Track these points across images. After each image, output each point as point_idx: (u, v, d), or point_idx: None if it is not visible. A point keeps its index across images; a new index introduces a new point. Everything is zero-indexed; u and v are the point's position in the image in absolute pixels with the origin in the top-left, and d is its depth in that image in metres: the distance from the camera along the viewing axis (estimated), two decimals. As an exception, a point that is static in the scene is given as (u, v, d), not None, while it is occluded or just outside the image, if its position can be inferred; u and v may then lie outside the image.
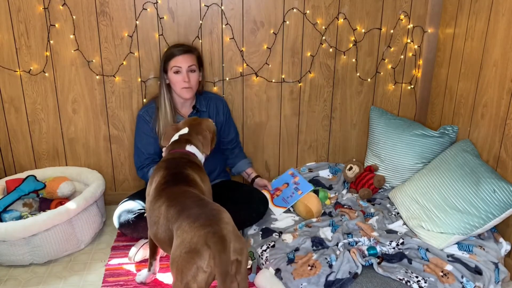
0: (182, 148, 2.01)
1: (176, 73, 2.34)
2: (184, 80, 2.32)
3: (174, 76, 2.34)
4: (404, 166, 2.62)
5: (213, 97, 2.55)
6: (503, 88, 2.18)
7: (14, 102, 2.60)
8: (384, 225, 2.34)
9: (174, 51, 2.35)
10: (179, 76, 2.34)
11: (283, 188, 2.63)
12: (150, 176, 1.95)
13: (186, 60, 2.33)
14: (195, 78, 2.38)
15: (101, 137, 2.73)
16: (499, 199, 2.03)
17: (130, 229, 2.26)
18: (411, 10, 2.70)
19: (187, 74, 2.33)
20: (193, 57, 2.37)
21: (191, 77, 2.35)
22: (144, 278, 2.06)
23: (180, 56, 2.33)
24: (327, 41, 2.70)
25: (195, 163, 1.99)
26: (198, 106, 2.47)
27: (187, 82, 2.33)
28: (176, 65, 2.33)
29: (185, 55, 2.34)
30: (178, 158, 1.95)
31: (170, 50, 2.38)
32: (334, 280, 1.92)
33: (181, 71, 2.33)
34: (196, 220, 1.55)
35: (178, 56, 2.33)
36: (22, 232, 2.11)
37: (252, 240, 2.29)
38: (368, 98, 2.87)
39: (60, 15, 2.48)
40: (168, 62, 2.35)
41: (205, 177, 1.99)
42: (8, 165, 2.73)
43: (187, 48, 2.37)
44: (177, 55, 2.33)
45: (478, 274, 1.97)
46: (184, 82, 2.33)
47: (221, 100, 2.57)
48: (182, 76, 2.33)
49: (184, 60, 2.33)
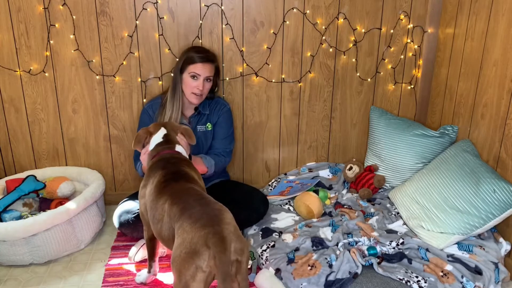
0: (171, 149, 1.99)
1: (193, 78, 2.33)
2: (198, 87, 2.33)
3: (190, 80, 2.34)
4: (404, 166, 2.62)
5: (217, 100, 2.53)
6: (503, 88, 2.18)
7: (14, 102, 2.60)
8: (384, 225, 2.35)
9: (196, 57, 2.33)
10: (194, 82, 2.33)
11: (289, 189, 2.65)
12: (144, 178, 1.94)
13: (206, 69, 2.33)
14: (209, 87, 2.39)
15: (101, 137, 2.73)
16: (499, 199, 2.03)
17: (130, 229, 2.26)
18: (411, 10, 2.70)
19: (203, 82, 2.34)
20: (213, 67, 2.38)
21: (206, 86, 2.36)
22: (144, 279, 2.06)
23: (201, 63, 2.32)
24: (327, 41, 2.70)
25: (188, 161, 1.99)
26: (200, 109, 2.47)
27: (200, 90, 2.33)
28: (195, 71, 2.32)
29: (206, 64, 2.34)
30: (171, 158, 1.93)
31: (192, 53, 2.35)
32: (334, 280, 1.92)
33: (198, 78, 2.33)
34: (197, 220, 1.55)
35: (199, 63, 2.32)
36: (22, 232, 2.11)
37: (252, 240, 2.29)
38: (368, 98, 2.87)
39: (60, 15, 2.48)
40: (187, 65, 2.34)
41: (200, 175, 2.00)
42: (8, 165, 2.73)
43: (210, 58, 2.37)
44: (198, 62, 2.32)
45: (478, 274, 1.97)
46: (198, 89, 2.33)
47: (224, 104, 2.54)
48: (197, 83, 2.33)
49: (204, 69, 2.33)
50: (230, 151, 2.54)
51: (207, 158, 2.40)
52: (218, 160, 2.45)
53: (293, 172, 2.91)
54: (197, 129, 2.48)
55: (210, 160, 2.40)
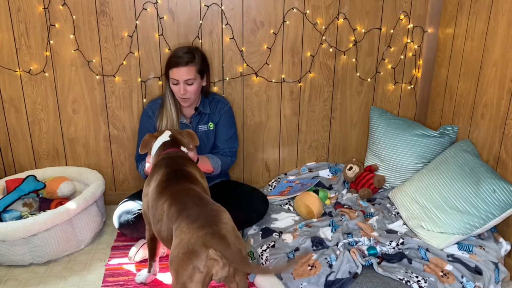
0: (177, 148, 2.01)
1: (174, 84, 2.32)
2: (180, 92, 2.30)
3: (173, 86, 2.33)
4: (404, 166, 2.62)
5: (218, 99, 2.52)
6: (503, 88, 2.18)
7: (14, 102, 2.61)
8: (384, 225, 2.35)
9: (174, 61, 2.29)
10: (176, 87, 2.31)
11: (289, 189, 2.65)
12: (148, 176, 1.95)
13: (183, 73, 2.27)
14: (193, 90, 2.32)
15: (101, 137, 2.73)
16: (499, 199, 2.03)
17: (130, 229, 2.26)
18: (411, 10, 2.70)
19: (183, 87, 2.29)
20: (192, 69, 2.29)
21: (188, 89, 2.31)
22: (144, 278, 2.06)
23: (177, 68, 2.27)
24: (327, 41, 2.70)
25: (192, 161, 2.00)
26: (201, 108, 2.46)
27: (182, 94, 2.31)
28: (173, 77, 2.30)
29: (183, 67, 2.27)
30: (175, 157, 1.95)
31: (171, 57, 2.32)
32: (334, 280, 1.92)
33: (178, 83, 2.30)
34: (195, 221, 1.55)
35: (175, 68, 2.28)
36: (22, 232, 2.11)
37: (252, 240, 2.29)
38: (368, 98, 2.87)
39: (60, 15, 2.48)
40: (168, 70, 2.32)
41: (203, 174, 2.01)
42: (8, 165, 2.73)
43: (188, 59, 2.28)
44: (173, 67, 2.28)
45: (478, 274, 1.97)
46: (179, 93, 2.31)
47: (225, 103, 2.52)
48: (178, 88, 2.30)
49: (181, 74, 2.27)
50: (235, 151, 2.55)
51: (214, 159, 2.41)
52: (225, 160, 2.46)
53: (293, 172, 2.91)
54: (198, 128, 2.47)
55: (217, 161, 2.41)
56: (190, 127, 2.45)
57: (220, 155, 2.48)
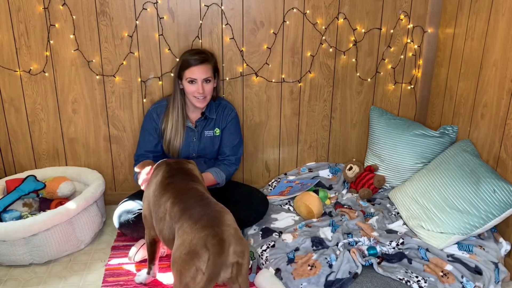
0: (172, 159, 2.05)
1: (191, 83, 2.30)
2: (199, 91, 2.28)
3: (189, 85, 2.30)
4: (404, 166, 2.62)
5: (225, 105, 2.50)
6: (503, 88, 2.18)
7: (14, 102, 2.60)
8: (384, 225, 2.35)
9: (190, 61, 2.28)
10: (193, 86, 2.29)
11: (289, 189, 2.65)
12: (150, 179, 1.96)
13: (202, 71, 2.28)
14: (210, 88, 2.33)
15: (101, 137, 2.73)
16: (499, 199, 2.03)
17: (130, 229, 2.26)
18: (411, 10, 2.70)
19: (201, 85, 2.29)
20: (209, 67, 2.31)
21: (206, 88, 2.30)
22: (143, 279, 2.06)
23: (195, 67, 2.27)
24: (327, 41, 2.70)
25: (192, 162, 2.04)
26: (207, 113, 2.45)
27: (202, 93, 2.29)
28: (191, 76, 2.28)
29: (201, 65, 2.28)
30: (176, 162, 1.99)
31: (186, 58, 2.31)
32: (334, 280, 1.92)
33: (196, 82, 2.29)
34: (197, 221, 1.55)
35: (194, 66, 2.27)
36: (22, 232, 2.11)
37: (252, 240, 2.29)
38: (368, 98, 2.87)
39: (60, 15, 2.48)
40: (183, 71, 2.30)
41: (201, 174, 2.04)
42: (8, 165, 2.73)
43: (204, 58, 2.30)
44: (193, 66, 2.27)
45: (478, 274, 1.97)
46: (198, 93, 2.29)
47: (231, 109, 2.50)
48: (196, 86, 2.29)
49: (200, 72, 2.28)
50: (239, 157, 2.56)
51: (219, 173, 2.42)
52: (228, 171, 2.48)
53: (293, 172, 2.91)
54: (204, 133, 2.46)
55: (222, 175, 2.43)
56: (195, 131, 2.44)
57: (225, 165, 2.48)
